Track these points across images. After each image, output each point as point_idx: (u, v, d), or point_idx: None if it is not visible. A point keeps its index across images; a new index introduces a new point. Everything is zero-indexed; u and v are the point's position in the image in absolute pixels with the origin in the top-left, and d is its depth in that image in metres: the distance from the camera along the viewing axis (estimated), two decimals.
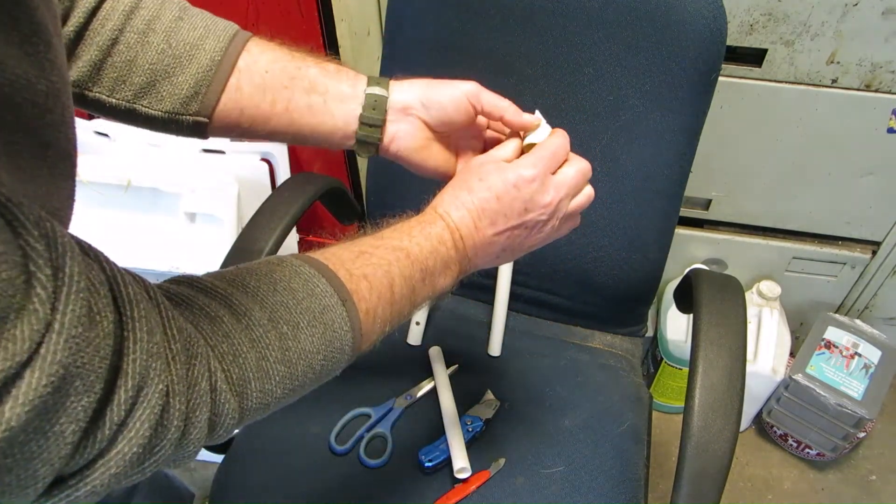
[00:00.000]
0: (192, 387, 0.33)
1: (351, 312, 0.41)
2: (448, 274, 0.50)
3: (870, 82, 1.01)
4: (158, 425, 0.31)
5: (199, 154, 1.17)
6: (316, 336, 0.39)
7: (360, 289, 0.43)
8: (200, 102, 0.51)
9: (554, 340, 0.93)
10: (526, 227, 0.53)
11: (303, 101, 0.53)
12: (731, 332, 0.66)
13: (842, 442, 1.21)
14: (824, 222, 1.21)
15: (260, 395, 0.37)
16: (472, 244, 0.52)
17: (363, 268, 0.44)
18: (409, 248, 0.47)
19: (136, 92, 0.50)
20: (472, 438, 0.77)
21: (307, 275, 0.41)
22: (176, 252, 1.10)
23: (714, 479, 0.59)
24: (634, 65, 0.76)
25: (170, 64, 0.50)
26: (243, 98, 0.52)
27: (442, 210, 0.52)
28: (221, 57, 0.51)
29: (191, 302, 0.36)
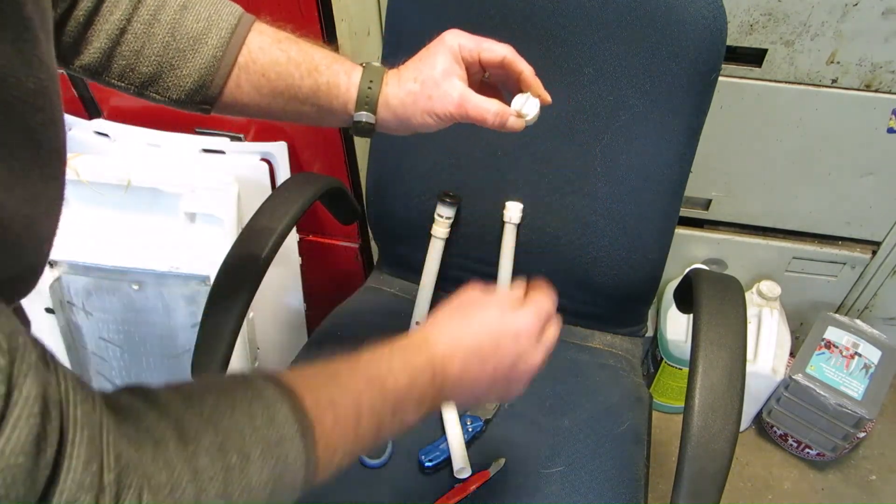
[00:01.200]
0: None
1: (309, 446, 0.38)
2: (420, 409, 0.47)
3: (870, 82, 1.01)
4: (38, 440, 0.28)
5: (199, 154, 1.17)
6: (266, 470, 0.36)
7: (324, 420, 0.40)
8: (204, 95, 0.53)
9: None
10: (508, 379, 0.52)
11: (297, 109, 0.56)
12: (731, 332, 0.66)
13: (842, 442, 1.21)
14: (824, 222, 1.21)
15: None
16: (454, 383, 0.49)
17: (332, 395, 0.41)
18: (384, 380, 0.45)
19: (144, 81, 0.52)
20: (472, 438, 0.77)
21: (270, 398, 0.37)
22: (176, 252, 1.10)
23: (714, 479, 0.59)
24: (634, 65, 0.76)
25: (174, 56, 0.51)
26: (243, 95, 0.54)
27: (433, 341, 0.49)
28: (223, 54, 0.52)
29: (139, 419, 0.33)
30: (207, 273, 1.08)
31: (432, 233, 0.89)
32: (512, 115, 0.55)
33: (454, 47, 0.54)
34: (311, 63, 0.55)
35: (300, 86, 0.54)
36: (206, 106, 0.54)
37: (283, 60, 0.54)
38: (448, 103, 0.54)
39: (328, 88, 0.55)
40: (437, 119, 0.55)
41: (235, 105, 0.55)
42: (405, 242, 0.97)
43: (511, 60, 0.55)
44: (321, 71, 0.55)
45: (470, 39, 0.55)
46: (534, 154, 0.85)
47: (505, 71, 0.56)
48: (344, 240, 1.31)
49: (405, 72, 0.56)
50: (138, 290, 1.13)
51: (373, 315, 0.95)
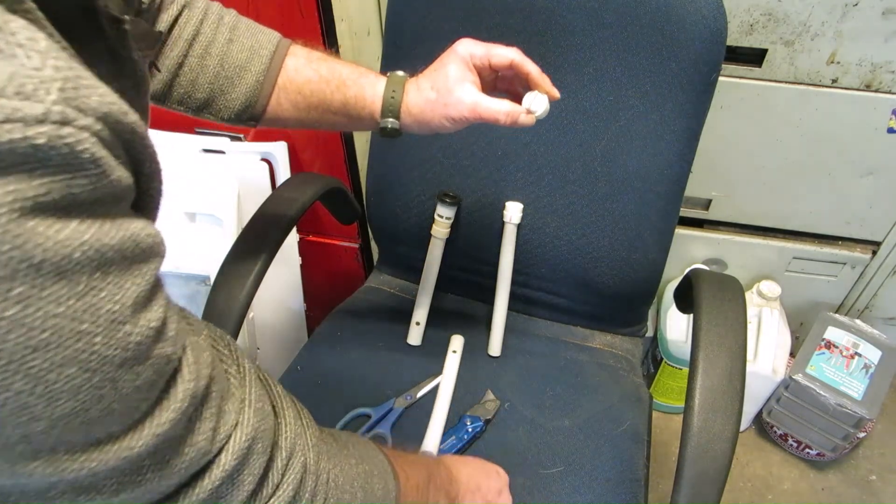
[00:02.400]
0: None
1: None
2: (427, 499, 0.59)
3: (870, 82, 1.01)
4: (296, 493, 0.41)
5: (199, 154, 1.16)
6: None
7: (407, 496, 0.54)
8: (250, 114, 0.62)
9: (554, 340, 0.93)
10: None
11: (331, 120, 0.64)
12: (731, 332, 0.66)
13: (842, 442, 1.21)
14: (824, 222, 1.21)
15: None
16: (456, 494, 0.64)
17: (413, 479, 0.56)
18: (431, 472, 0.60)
19: (199, 105, 0.61)
20: (472, 438, 0.77)
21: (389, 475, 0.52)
22: (176, 252, 1.10)
23: (714, 480, 0.59)
24: (634, 65, 0.76)
25: (224, 84, 0.60)
26: (283, 111, 0.63)
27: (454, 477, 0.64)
28: (264, 78, 0.60)
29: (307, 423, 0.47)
30: (207, 273, 1.08)
31: (432, 233, 0.89)
32: (522, 113, 0.60)
33: (465, 56, 0.59)
34: (339, 79, 0.61)
35: (331, 100, 0.62)
36: (252, 122, 0.63)
37: (315, 79, 0.61)
38: (462, 109, 0.59)
39: (356, 101, 0.62)
40: (452, 122, 0.60)
41: (277, 119, 0.63)
42: (405, 242, 0.97)
43: (519, 63, 0.60)
44: (349, 86, 0.61)
45: (479, 46, 0.60)
46: (534, 154, 0.85)
47: (514, 72, 0.61)
48: (344, 240, 1.31)
49: (423, 80, 0.61)
50: None
51: (373, 315, 0.95)
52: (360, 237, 1.30)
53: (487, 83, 0.63)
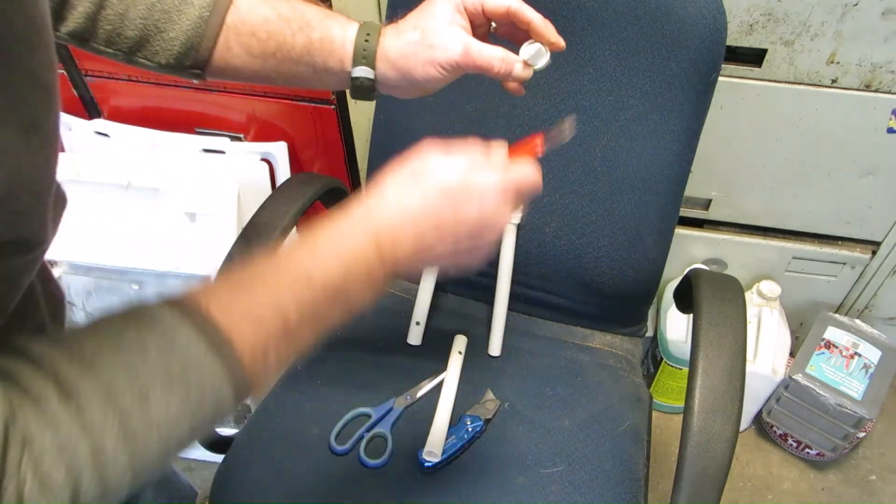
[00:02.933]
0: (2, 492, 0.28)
1: (228, 361, 0.35)
2: (368, 291, 0.44)
3: (870, 82, 1.01)
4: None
5: (199, 154, 1.17)
6: (174, 401, 0.33)
7: (242, 331, 0.37)
8: (193, 58, 0.52)
9: (554, 340, 0.93)
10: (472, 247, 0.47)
11: (291, 70, 0.54)
12: (731, 332, 0.66)
13: (842, 442, 1.21)
14: (824, 222, 1.21)
15: (98, 489, 0.31)
16: (407, 256, 0.44)
17: (247, 302, 0.38)
18: (310, 275, 0.40)
19: (131, 45, 0.52)
20: (472, 438, 0.77)
21: (168, 324, 0.35)
22: (176, 252, 1.10)
23: (714, 480, 0.59)
24: (634, 65, 0.76)
25: (159, 19, 0.51)
26: (233, 58, 0.53)
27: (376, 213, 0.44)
28: (209, 14, 0.51)
29: (17, 378, 0.30)
30: (207, 273, 1.08)
31: None
32: (518, 62, 0.52)
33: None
34: (303, 19, 0.53)
35: (293, 44, 0.53)
36: (196, 70, 0.53)
37: (272, 18, 0.52)
38: (452, 52, 0.50)
39: (322, 44, 0.53)
40: (440, 70, 0.51)
41: (227, 69, 0.54)
42: None
43: (517, 9, 0.52)
44: (314, 26, 0.53)
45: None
46: None
47: (511, 21, 0.53)
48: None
49: (403, 23, 0.53)
50: (138, 290, 1.13)
51: (373, 315, 0.95)
52: None
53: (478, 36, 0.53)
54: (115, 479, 0.31)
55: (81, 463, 0.30)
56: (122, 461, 0.31)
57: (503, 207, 0.46)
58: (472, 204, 0.45)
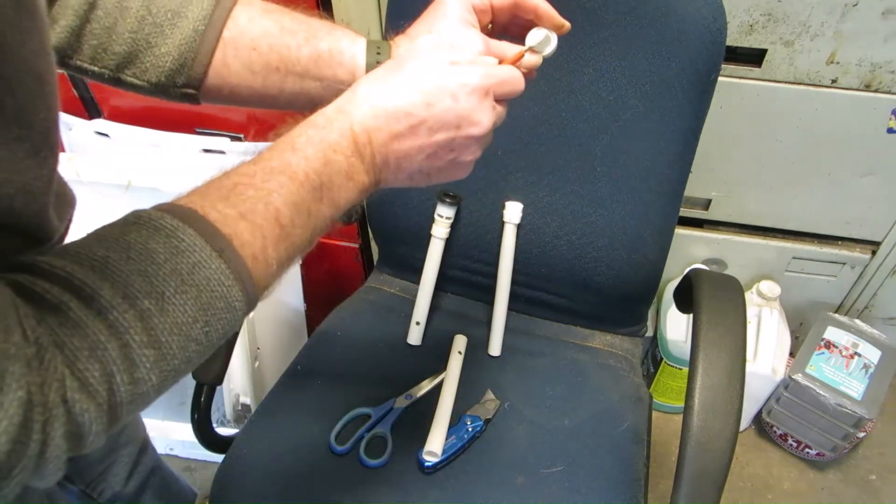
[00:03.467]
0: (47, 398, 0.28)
1: (233, 262, 0.35)
2: (351, 186, 0.43)
3: (870, 82, 1.01)
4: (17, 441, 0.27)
5: (199, 154, 1.16)
6: (189, 302, 0.33)
7: (239, 232, 0.36)
8: (187, 76, 0.49)
9: (554, 340, 0.93)
10: (451, 147, 0.45)
11: (297, 86, 0.51)
12: (731, 332, 0.66)
13: (842, 442, 1.21)
14: (824, 222, 1.21)
15: (130, 388, 0.31)
16: (383, 152, 0.43)
17: (238, 205, 0.37)
18: (293, 167, 0.39)
19: (119, 62, 0.48)
20: (472, 438, 0.77)
21: (169, 229, 0.34)
22: None
23: (714, 479, 0.59)
24: (634, 65, 0.76)
25: (150, 32, 0.47)
26: (231, 75, 0.50)
27: (351, 107, 0.43)
28: (205, 27, 0.47)
29: (30, 291, 0.30)
30: None
31: (432, 233, 0.89)
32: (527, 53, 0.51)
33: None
34: (309, 30, 0.50)
35: (298, 57, 0.49)
36: (190, 90, 0.49)
37: (275, 31, 0.49)
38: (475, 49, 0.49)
39: (331, 56, 0.50)
40: None
41: (224, 87, 0.50)
42: (405, 242, 0.97)
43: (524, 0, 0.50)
44: (320, 37, 0.50)
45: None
46: (534, 154, 0.85)
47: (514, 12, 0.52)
48: (344, 240, 1.31)
49: (412, 30, 0.51)
50: None
51: (373, 315, 0.95)
52: (360, 237, 1.30)
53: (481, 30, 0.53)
54: (144, 378, 0.32)
55: (113, 361, 0.30)
56: (149, 360, 0.32)
57: (480, 104, 0.44)
58: (445, 98, 0.43)
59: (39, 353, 0.28)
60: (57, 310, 0.29)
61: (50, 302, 0.29)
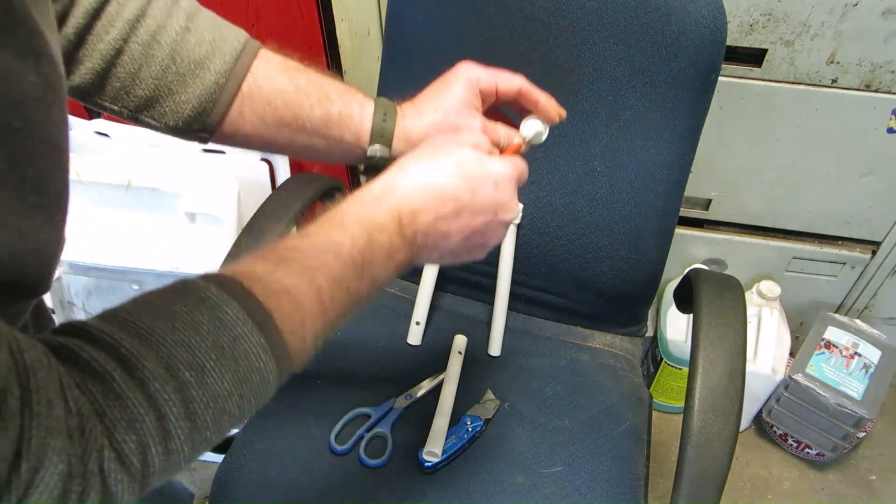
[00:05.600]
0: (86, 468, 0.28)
1: (271, 337, 0.36)
2: (390, 264, 0.44)
3: (870, 82, 1.01)
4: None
5: (199, 154, 1.17)
6: (227, 376, 0.34)
7: (281, 306, 0.37)
8: (203, 122, 0.51)
9: (554, 340, 0.93)
10: (483, 233, 0.49)
11: (304, 141, 0.54)
12: (731, 332, 0.66)
13: (842, 442, 1.21)
14: (824, 222, 1.21)
15: (163, 459, 0.32)
16: (425, 232, 0.46)
17: (283, 279, 0.38)
18: (339, 246, 0.41)
19: (139, 104, 0.50)
20: (472, 438, 0.77)
21: (214, 301, 0.35)
22: (176, 252, 1.10)
23: (714, 479, 0.59)
24: (634, 65, 0.76)
25: (173, 81, 0.49)
26: (245, 125, 0.52)
27: (399, 188, 0.45)
28: (226, 80, 0.50)
29: (77, 356, 0.31)
30: None
31: None
32: (518, 139, 0.57)
33: (472, 78, 0.55)
34: (322, 92, 0.53)
35: (309, 116, 0.53)
36: (204, 135, 0.52)
37: (290, 89, 0.52)
38: (475, 133, 0.53)
39: (340, 119, 0.53)
40: None
41: (237, 135, 0.53)
42: None
43: (527, 90, 0.55)
44: (332, 100, 0.53)
45: (486, 71, 0.55)
46: (533, 154, 0.84)
47: (518, 99, 0.56)
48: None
49: (422, 103, 0.55)
50: (138, 290, 1.13)
51: (373, 315, 0.95)
52: None
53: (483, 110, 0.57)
54: (177, 449, 0.32)
55: (149, 432, 0.31)
56: (184, 432, 0.32)
57: (512, 193, 0.50)
58: (488, 186, 0.47)
59: (81, 423, 0.28)
60: (101, 378, 0.30)
61: (95, 370, 0.30)
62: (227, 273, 0.38)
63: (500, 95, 0.56)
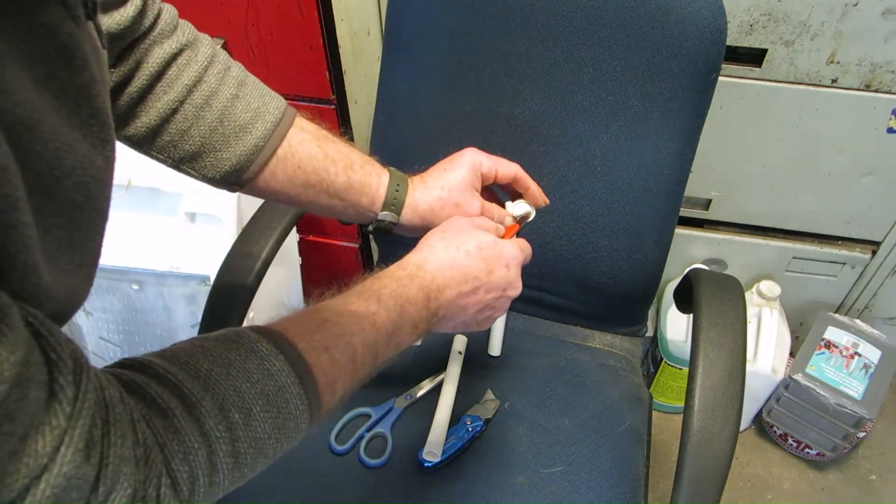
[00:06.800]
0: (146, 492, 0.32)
1: (309, 388, 0.41)
2: (414, 332, 0.51)
3: (870, 82, 1.01)
4: None
5: None
6: (269, 421, 0.38)
7: (320, 362, 0.42)
8: (237, 178, 0.56)
9: (554, 340, 0.93)
10: (493, 307, 0.57)
11: (325, 202, 0.60)
12: (731, 332, 0.66)
13: (842, 442, 1.21)
14: (824, 222, 1.21)
15: (207, 489, 0.35)
16: (447, 306, 0.54)
17: (325, 339, 0.44)
18: (375, 316, 0.48)
19: (183, 157, 0.55)
20: (472, 438, 0.77)
21: (264, 353, 0.40)
22: (176, 252, 1.10)
23: (714, 479, 0.59)
24: (634, 65, 0.76)
25: (218, 140, 0.55)
26: (275, 182, 0.58)
27: (428, 268, 0.53)
28: (264, 144, 0.55)
29: (144, 392, 0.34)
30: (207, 273, 1.08)
31: None
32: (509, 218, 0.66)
33: (476, 163, 0.62)
34: (348, 161, 0.59)
35: (333, 181, 0.59)
36: (236, 187, 0.58)
37: (320, 156, 0.58)
38: (472, 211, 0.62)
39: (360, 187, 0.60)
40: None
41: (266, 190, 0.58)
42: (405, 242, 0.97)
43: (521, 177, 0.64)
44: (355, 169, 0.60)
45: (488, 158, 0.63)
46: (534, 154, 0.85)
47: (512, 182, 0.65)
48: (344, 240, 1.31)
49: (430, 180, 0.62)
50: (138, 290, 1.13)
51: None
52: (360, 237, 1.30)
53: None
54: (220, 482, 0.36)
55: (200, 465, 0.35)
56: (228, 467, 0.36)
57: (518, 273, 0.58)
58: (501, 268, 0.56)
59: (146, 453, 0.32)
60: (164, 414, 0.34)
61: (160, 406, 0.34)
62: (276, 327, 0.42)
63: (499, 180, 0.64)
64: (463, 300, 0.55)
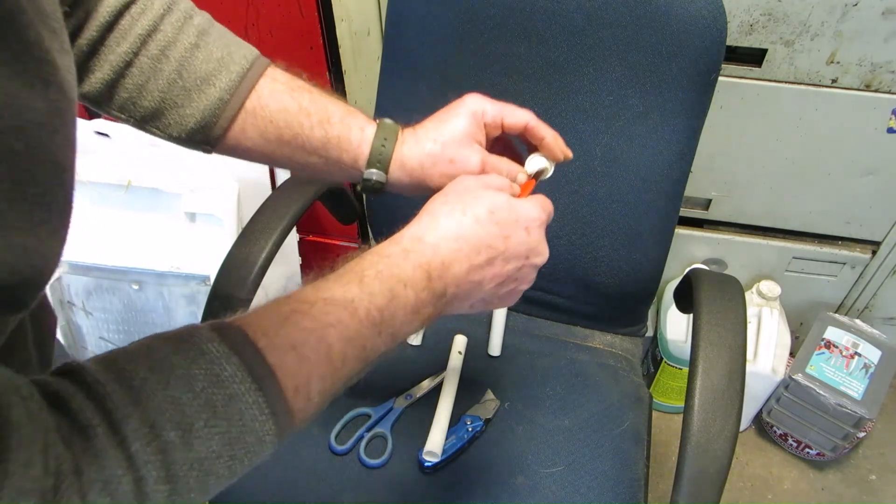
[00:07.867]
0: None
1: (271, 395, 0.35)
2: (416, 319, 0.43)
3: (870, 82, 1.01)
4: None
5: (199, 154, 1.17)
6: (216, 437, 0.33)
7: (285, 363, 0.36)
8: (205, 135, 0.52)
9: (554, 340, 0.93)
10: (517, 278, 0.49)
11: (303, 159, 0.54)
12: (731, 332, 0.66)
13: (842, 442, 1.21)
14: (824, 222, 1.21)
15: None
16: (457, 284, 0.45)
17: (291, 336, 0.37)
18: (355, 304, 0.40)
19: (145, 115, 0.51)
20: (472, 438, 0.77)
21: (214, 355, 0.34)
22: (176, 252, 1.10)
23: (714, 479, 0.59)
24: (634, 65, 0.76)
25: (178, 94, 0.50)
26: (246, 139, 0.53)
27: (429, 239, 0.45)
28: (230, 97, 0.51)
29: (68, 404, 0.30)
30: (207, 273, 1.08)
31: None
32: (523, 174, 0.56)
33: (477, 111, 0.53)
34: (324, 114, 0.53)
35: (309, 136, 0.53)
36: (206, 146, 0.53)
37: (293, 109, 0.52)
38: (470, 168, 0.52)
39: (339, 142, 0.53)
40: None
41: (238, 148, 0.54)
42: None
43: (534, 126, 0.54)
44: (333, 123, 0.53)
45: (492, 104, 0.54)
46: None
47: (524, 134, 0.55)
48: (344, 240, 1.31)
49: (422, 132, 0.54)
50: (138, 290, 1.13)
51: None
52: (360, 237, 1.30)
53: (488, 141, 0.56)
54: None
55: (123, 496, 0.30)
56: (162, 495, 0.31)
57: (542, 236, 0.49)
58: (520, 232, 0.47)
59: (56, 484, 0.27)
60: (85, 434, 0.29)
61: (81, 423, 0.29)
62: (235, 323, 0.37)
63: (506, 129, 0.55)
64: (477, 274, 0.45)
